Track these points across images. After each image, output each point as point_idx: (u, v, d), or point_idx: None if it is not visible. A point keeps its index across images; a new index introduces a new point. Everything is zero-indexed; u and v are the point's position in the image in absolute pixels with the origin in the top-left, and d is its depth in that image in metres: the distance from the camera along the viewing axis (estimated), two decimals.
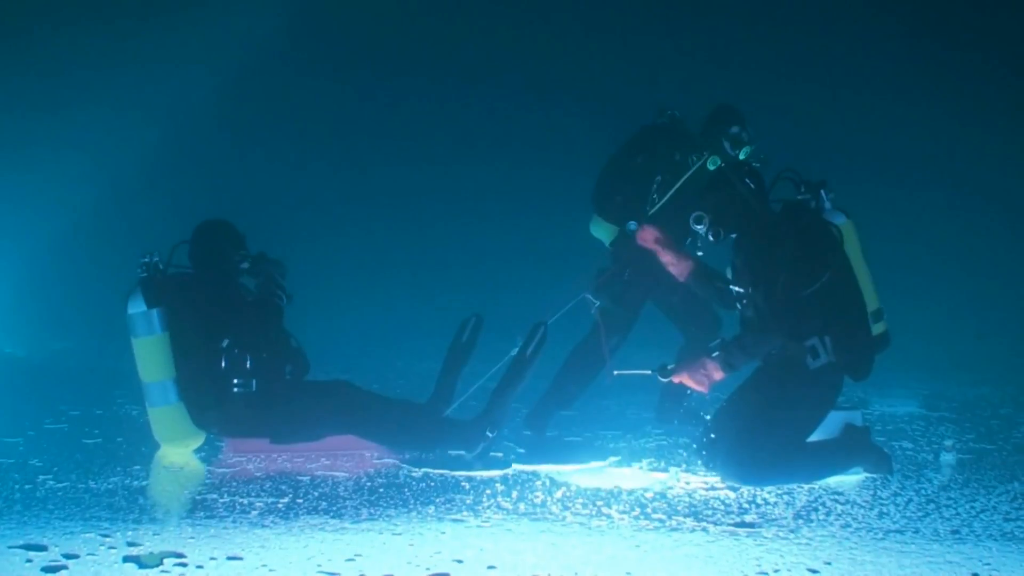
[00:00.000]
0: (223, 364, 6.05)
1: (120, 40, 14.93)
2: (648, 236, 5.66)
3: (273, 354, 6.20)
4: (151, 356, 6.07)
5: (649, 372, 5.59)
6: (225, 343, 6.06)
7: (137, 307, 6.03)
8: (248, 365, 6.08)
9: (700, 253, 6.08)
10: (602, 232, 6.95)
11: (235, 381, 6.04)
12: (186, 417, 6.10)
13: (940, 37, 14.52)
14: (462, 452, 6.07)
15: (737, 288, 5.49)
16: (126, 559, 3.99)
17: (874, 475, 5.52)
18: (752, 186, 5.42)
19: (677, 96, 7.10)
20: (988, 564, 4.06)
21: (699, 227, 5.43)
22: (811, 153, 7.77)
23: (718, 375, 5.28)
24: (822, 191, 5.52)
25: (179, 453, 6.20)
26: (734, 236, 5.52)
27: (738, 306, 5.52)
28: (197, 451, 6.29)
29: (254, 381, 6.07)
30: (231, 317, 6.10)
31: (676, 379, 5.40)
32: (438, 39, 15.95)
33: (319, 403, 6.14)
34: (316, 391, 6.21)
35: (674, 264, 5.63)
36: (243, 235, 6.34)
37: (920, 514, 4.81)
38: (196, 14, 15.20)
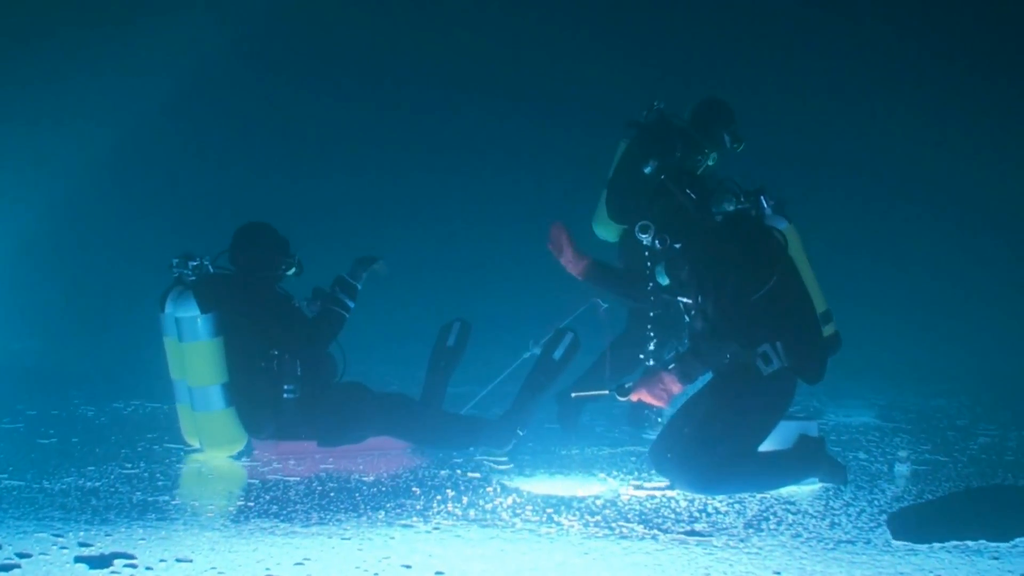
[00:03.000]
0: (275, 370, 6.13)
1: (80, 47, 14.80)
2: (555, 238, 5.73)
3: (315, 359, 6.29)
4: (202, 361, 6.01)
5: (607, 392, 5.59)
6: (276, 350, 6.13)
7: (189, 310, 5.95)
8: (299, 371, 6.17)
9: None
10: (608, 232, 7.04)
11: (285, 387, 6.12)
12: (235, 422, 6.11)
13: (909, 37, 14.62)
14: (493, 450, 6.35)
15: (685, 299, 5.48)
16: (77, 559, 4.01)
17: (827, 485, 5.55)
18: (693, 196, 5.44)
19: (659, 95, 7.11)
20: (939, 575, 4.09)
21: (644, 236, 5.44)
22: (764, 158, 7.78)
23: (676, 388, 5.26)
24: (761, 197, 5.54)
25: (218, 457, 6.19)
26: (678, 246, 5.51)
27: (686, 318, 5.52)
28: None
29: (300, 387, 6.19)
30: (285, 324, 6.15)
31: (634, 397, 5.34)
32: (425, 44, 15.90)
33: (363, 406, 6.27)
34: (353, 395, 6.31)
35: (571, 263, 5.70)
36: (286, 239, 6.33)
37: (872, 525, 4.82)
38: (181, 17, 15.11)
